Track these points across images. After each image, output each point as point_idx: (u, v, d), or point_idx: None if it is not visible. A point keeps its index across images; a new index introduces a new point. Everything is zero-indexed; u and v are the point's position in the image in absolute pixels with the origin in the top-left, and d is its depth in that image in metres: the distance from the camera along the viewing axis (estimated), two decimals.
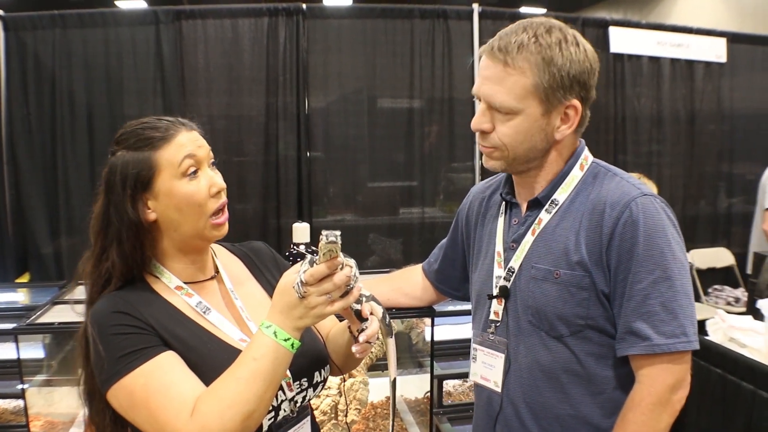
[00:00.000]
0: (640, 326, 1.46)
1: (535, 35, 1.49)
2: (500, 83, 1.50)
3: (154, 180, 1.39)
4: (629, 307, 1.47)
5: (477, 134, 1.61)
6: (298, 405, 1.49)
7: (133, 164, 1.39)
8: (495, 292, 1.67)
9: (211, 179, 1.45)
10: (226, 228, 1.49)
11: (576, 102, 1.53)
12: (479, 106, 1.58)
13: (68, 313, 2.34)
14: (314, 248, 2.43)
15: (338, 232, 1.24)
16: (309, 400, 1.55)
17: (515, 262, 1.62)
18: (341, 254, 1.28)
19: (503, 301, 1.65)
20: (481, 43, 5.05)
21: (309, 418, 1.57)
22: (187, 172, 1.41)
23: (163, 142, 1.40)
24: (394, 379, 1.59)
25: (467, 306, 2.02)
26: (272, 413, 1.41)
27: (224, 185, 1.47)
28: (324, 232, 1.23)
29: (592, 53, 1.56)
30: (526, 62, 1.48)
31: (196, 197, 1.41)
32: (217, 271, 1.57)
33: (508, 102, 1.50)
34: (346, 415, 2.54)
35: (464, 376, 2.86)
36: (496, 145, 1.56)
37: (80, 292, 1.49)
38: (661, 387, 1.47)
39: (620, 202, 1.49)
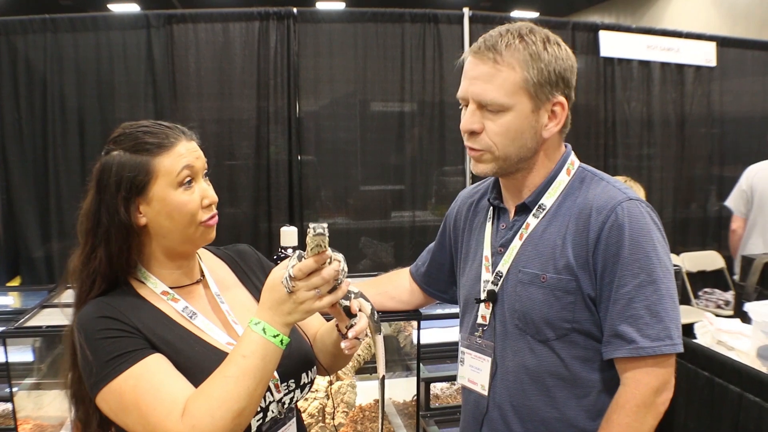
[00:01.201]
0: (625, 329, 1.48)
1: (519, 35, 1.53)
2: (490, 80, 1.52)
3: (149, 186, 1.40)
4: (615, 311, 1.48)
5: (465, 138, 1.61)
6: (285, 406, 1.50)
7: (130, 167, 1.39)
8: (483, 296, 1.68)
9: (205, 191, 1.46)
10: (213, 233, 1.50)
11: (562, 99, 1.56)
12: (467, 109, 1.58)
13: (57, 316, 2.34)
14: (302, 252, 2.44)
15: (325, 224, 1.24)
16: (296, 401, 1.56)
17: (503, 267, 1.63)
18: (329, 249, 1.28)
19: (491, 305, 1.66)
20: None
21: (295, 419, 1.58)
22: (183, 182, 1.42)
23: (162, 149, 1.41)
24: (383, 376, 1.60)
25: (453, 309, 2.03)
26: (260, 414, 1.41)
27: (216, 198, 1.48)
28: (311, 225, 1.24)
29: (572, 54, 1.60)
30: (514, 59, 1.51)
31: (188, 207, 1.42)
32: (202, 275, 1.57)
33: (500, 98, 1.52)
34: (333, 418, 2.55)
35: (451, 379, 2.87)
36: (486, 147, 1.57)
37: (69, 295, 1.49)
38: (645, 389, 1.48)
39: (606, 207, 1.51)
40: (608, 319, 1.50)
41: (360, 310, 1.46)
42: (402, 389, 2.96)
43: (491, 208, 1.74)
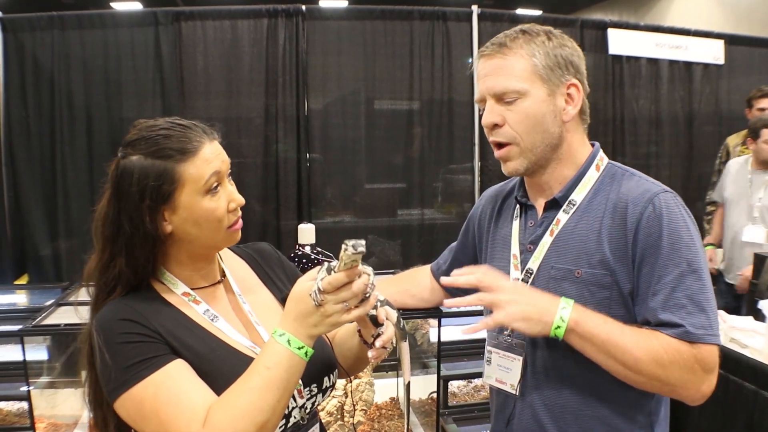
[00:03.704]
0: (669, 317, 1.45)
1: (522, 30, 1.59)
2: (501, 71, 1.56)
3: (175, 194, 1.35)
4: (657, 301, 1.46)
5: (488, 134, 1.62)
6: (307, 411, 1.48)
7: (155, 175, 1.33)
8: None
9: (231, 195, 1.42)
10: (239, 234, 1.47)
11: (576, 81, 1.59)
12: (486, 106, 1.60)
13: (73, 314, 2.33)
14: (319, 249, 2.43)
15: (363, 242, 1.22)
16: (318, 405, 1.54)
17: (533, 263, 1.62)
18: (360, 263, 1.27)
19: None
20: (480, 45, 5.09)
21: (318, 424, 1.56)
22: (210, 189, 1.37)
23: (187, 155, 1.35)
24: (408, 382, 1.58)
25: (473, 307, 2.01)
26: (283, 420, 1.39)
27: (242, 201, 1.44)
28: (349, 242, 1.21)
29: (577, 47, 1.64)
30: (520, 48, 1.56)
31: (216, 214, 1.38)
32: (223, 275, 1.54)
33: (513, 84, 1.54)
34: (352, 416, 2.55)
35: (469, 377, 2.86)
36: (510, 138, 1.57)
37: (85, 293, 1.46)
38: (691, 358, 1.43)
39: (643, 198, 1.51)
40: (650, 310, 1.47)
41: (387, 319, 1.43)
42: (419, 387, 2.95)
43: (518, 206, 1.73)
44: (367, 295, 1.30)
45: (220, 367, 1.34)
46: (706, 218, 4.99)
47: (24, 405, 2.58)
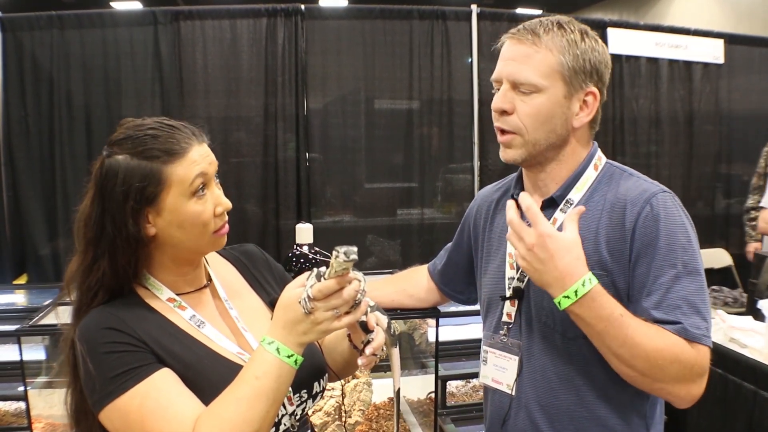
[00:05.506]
0: (664, 317, 1.44)
1: (559, 23, 1.55)
2: (526, 61, 1.52)
3: (160, 196, 1.32)
4: (651, 301, 1.46)
5: (495, 118, 1.60)
6: (297, 418, 1.46)
7: (140, 176, 1.30)
8: (508, 293, 1.65)
9: (217, 199, 1.39)
10: (224, 241, 1.45)
11: (595, 90, 1.56)
12: (501, 89, 1.57)
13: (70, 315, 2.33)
14: (317, 249, 2.43)
15: (355, 248, 1.19)
16: (307, 411, 1.52)
17: None
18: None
19: (516, 302, 1.64)
20: (479, 44, 5.11)
21: (309, 431, 1.55)
22: (197, 191, 1.35)
23: (174, 156, 1.32)
24: (398, 389, 1.57)
25: (471, 307, 2.01)
26: (273, 428, 1.38)
27: (230, 205, 1.42)
28: (341, 249, 1.19)
29: (607, 52, 1.60)
30: (552, 42, 1.52)
31: (202, 217, 1.36)
32: (209, 279, 1.52)
33: (534, 78, 1.51)
34: (349, 416, 2.54)
35: (468, 376, 2.86)
36: (515, 128, 1.56)
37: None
38: (691, 357, 1.42)
39: (641, 198, 1.50)
40: (643, 310, 1.46)
41: (377, 325, 1.42)
42: (417, 387, 2.95)
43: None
44: (358, 302, 1.28)
45: (207, 375, 1.32)
46: (750, 224, 4.94)
47: (21, 405, 2.57)
